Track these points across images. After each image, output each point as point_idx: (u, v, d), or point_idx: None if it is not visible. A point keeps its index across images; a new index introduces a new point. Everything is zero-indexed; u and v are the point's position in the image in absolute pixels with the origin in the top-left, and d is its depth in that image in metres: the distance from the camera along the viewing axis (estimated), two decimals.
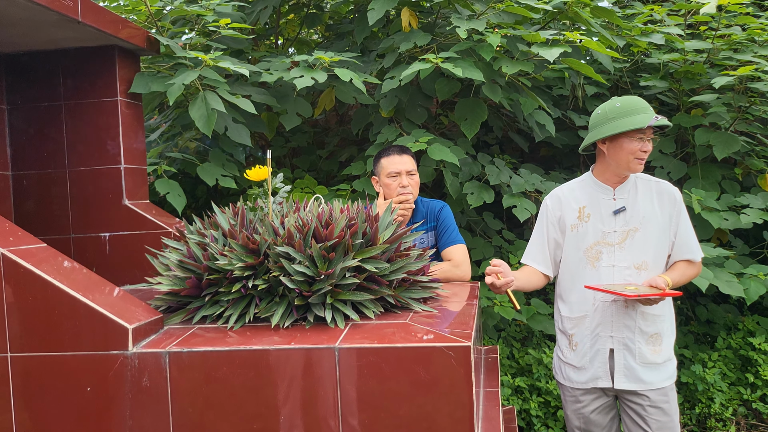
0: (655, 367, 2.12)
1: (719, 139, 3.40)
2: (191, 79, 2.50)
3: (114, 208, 2.36)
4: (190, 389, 1.45)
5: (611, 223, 2.14)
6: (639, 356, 2.11)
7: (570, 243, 2.19)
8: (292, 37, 4.51)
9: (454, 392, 1.38)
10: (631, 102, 2.08)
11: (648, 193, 2.14)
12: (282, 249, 1.59)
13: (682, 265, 2.16)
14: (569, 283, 2.21)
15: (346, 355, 1.41)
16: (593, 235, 2.15)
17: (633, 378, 2.12)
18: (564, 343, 2.25)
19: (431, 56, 2.89)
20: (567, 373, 2.25)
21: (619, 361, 2.12)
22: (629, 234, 2.12)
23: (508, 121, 4.13)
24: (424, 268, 1.81)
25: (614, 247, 2.12)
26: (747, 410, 3.36)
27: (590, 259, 2.14)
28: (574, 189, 2.24)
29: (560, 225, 2.23)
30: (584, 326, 2.17)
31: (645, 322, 2.11)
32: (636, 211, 2.12)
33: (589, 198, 2.18)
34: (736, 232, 3.72)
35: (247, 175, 1.77)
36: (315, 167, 4.02)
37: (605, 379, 2.15)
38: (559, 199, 2.24)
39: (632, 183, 2.16)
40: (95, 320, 1.48)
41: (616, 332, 2.12)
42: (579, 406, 2.22)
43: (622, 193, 2.15)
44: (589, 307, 2.15)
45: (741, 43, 3.62)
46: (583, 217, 2.17)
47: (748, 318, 3.55)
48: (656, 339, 2.11)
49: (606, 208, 2.15)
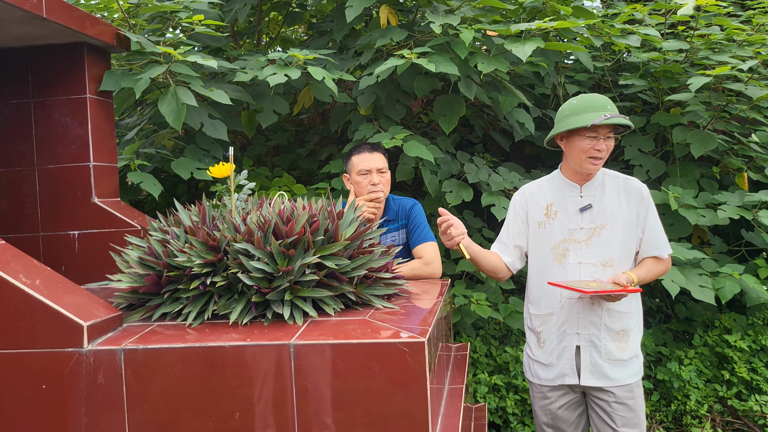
0: (621, 364, 2.12)
1: (697, 137, 3.42)
2: (158, 72, 2.48)
3: (83, 206, 2.35)
4: (145, 387, 1.44)
5: (578, 221, 2.14)
6: (605, 353, 2.11)
7: (537, 240, 2.20)
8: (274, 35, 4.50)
9: (410, 388, 1.38)
10: (587, 100, 2.08)
11: (615, 191, 2.14)
12: (241, 246, 1.58)
13: (649, 262, 2.16)
14: (536, 280, 2.22)
15: (300, 351, 1.40)
16: (560, 232, 2.15)
17: (599, 375, 2.12)
18: (533, 340, 2.26)
19: (406, 52, 2.88)
20: (535, 371, 2.25)
21: (585, 358, 2.12)
22: (595, 231, 2.12)
23: (490, 120, 4.14)
24: (388, 265, 1.81)
25: (580, 244, 2.13)
26: (723, 407, 3.37)
27: (557, 256, 2.15)
28: (543, 186, 2.24)
29: (527, 220, 2.23)
30: (551, 323, 2.17)
31: (611, 318, 2.11)
32: (602, 209, 2.13)
33: (556, 195, 2.19)
34: (716, 231, 3.74)
35: (210, 172, 1.76)
36: (295, 166, 4.01)
37: (572, 375, 2.15)
38: (527, 195, 2.25)
39: (600, 180, 2.16)
40: (50, 317, 1.47)
41: (582, 329, 2.12)
42: (546, 403, 2.22)
43: (589, 191, 2.15)
44: (556, 305, 2.16)
45: (719, 43, 3.64)
46: (551, 214, 2.18)
47: (725, 315, 3.56)
48: (623, 336, 2.12)
49: (573, 206, 2.15)
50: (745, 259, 3.56)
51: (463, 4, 3.11)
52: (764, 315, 3.57)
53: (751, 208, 3.31)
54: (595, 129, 2.04)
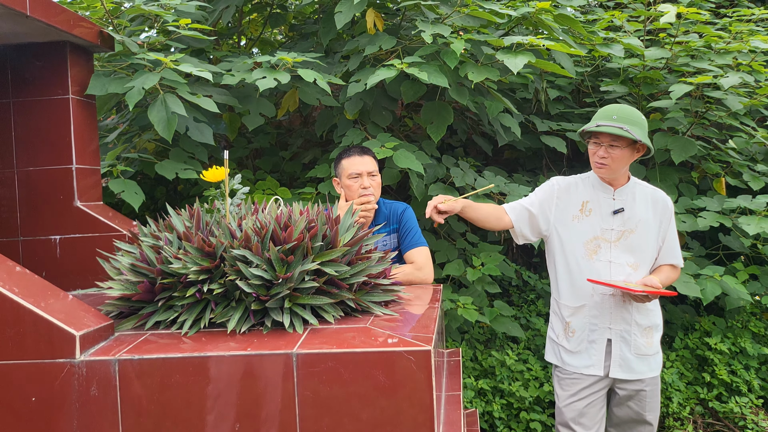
0: (647, 358, 2.26)
1: (677, 143, 3.47)
2: (152, 83, 2.42)
3: (65, 209, 2.27)
4: (141, 398, 1.39)
5: (609, 222, 2.25)
6: (634, 347, 2.23)
7: (569, 233, 2.29)
8: (254, 36, 4.45)
9: (415, 397, 1.36)
10: (604, 109, 2.21)
11: (644, 199, 2.26)
12: (239, 252, 1.54)
13: (666, 269, 2.29)
14: (567, 273, 2.30)
15: (304, 360, 1.37)
16: (592, 229, 2.25)
17: (627, 368, 2.24)
18: (559, 327, 2.35)
19: (396, 62, 2.87)
20: (562, 356, 2.35)
21: (616, 352, 2.24)
22: (624, 234, 2.23)
23: (472, 124, 4.15)
24: (386, 271, 1.79)
25: (611, 244, 2.23)
26: (704, 409, 3.42)
27: (589, 251, 2.25)
28: (578, 183, 2.33)
29: (559, 205, 2.30)
30: (582, 315, 2.27)
31: (640, 315, 2.23)
32: (633, 214, 2.24)
33: (592, 194, 2.29)
34: (693, 234, 3.80)
35: (204, 176, 1.72)
36: (278, 169, 3.96)
37: (598, 366, 2.25)
38: (569, 187, 2.32)
39: (631, 188, 2.28)
40: (40, 327, 1.41)
41: (615, 325, 2.23)
42: (576, 390, 2.29)
43: (622, 195, 2.26)
44: (588, 299, 2.26)
45: (698, 50, 3.71)
46: (585, 210, 2.27)
47: (705, 318, 3.63)
48: (649, 332, 2.25)
49: (606, 207, 2.26)
50: (723, 263, 3.63)
51: (453, 13, 3.10)
52: (743, 318, 3.64)
53: (730, 213, 3.38)
54: (597, 136, 2.16)
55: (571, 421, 2.31)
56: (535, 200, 2.34)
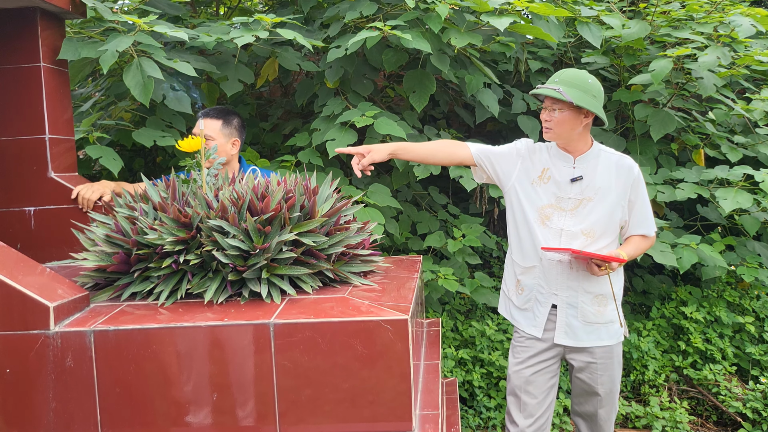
0: (596, 327, 2.20)
1: (656, 118, 3.47)
2: (125, 45, 2.35)
3: (39, 180, 2.23)
4: (117, 369, 1.39)
5: (567, 190, 2.20)
6: (582, 315, 2.19)
7: (526, 197, 2.24)
8: (233, 5, 4.35)
9: (393, 366, 1.37)
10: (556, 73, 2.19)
11: (607, 166, 2.20)
12: (215, 222, 1.53)
13: (636, 239, 2.23)
14: (518, 235, 2.27)
15: (281, 330, 1.37)
16: (548, 197, 2.21)
17: (572, 336, 2.21)
18: (511, 281, 2.34)
19: (379, 24, 2.82)
20: (511, 311, 2.35)
21: (561, 318, 2.20)
22: (582, 203, 2.18)
23: (454, 96, 4.12)
24: (364, 241, 1.78)
25: (566, 212, 2.19)
26: (678, 376, 3.50)
27: (542, 217, 2.21)
28: (543, 150, 2.28)
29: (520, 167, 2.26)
30: (531, 276, 2.25)
31: (589, 282, 2.18)
32: (593, 182, 2.18)
33: (552, 162, 2.24)
34: (672, 205, 3.84)
35: (179, 146, 1.69)
36: (258, 140, 3.92)
37: (539, 329, 2.23)
38: (534, 151, 2.28)
39: (594, 155, 2.21)
40: (13, 298, 1.39)
41: (561, 291, 2.20)
42: (524, 357, 2.27)
43: (583, 163, 2.20)
44: (537, 261, 2.23)
45: (680, 20, 3.69)
46: (544, 178, 2.23)
47: (681, 288, 3.68)
48: (601, 300, 2.19)
49: (566, 175, 2.20)
50: (701, 233, 3.67)
51: None
52: (718, 287, 3.70)
53: (707, 184, 3.41)
54: (543, 100, 2.17)
55: (518, 389, 2.28)
56: (500, 150, 2.32)
